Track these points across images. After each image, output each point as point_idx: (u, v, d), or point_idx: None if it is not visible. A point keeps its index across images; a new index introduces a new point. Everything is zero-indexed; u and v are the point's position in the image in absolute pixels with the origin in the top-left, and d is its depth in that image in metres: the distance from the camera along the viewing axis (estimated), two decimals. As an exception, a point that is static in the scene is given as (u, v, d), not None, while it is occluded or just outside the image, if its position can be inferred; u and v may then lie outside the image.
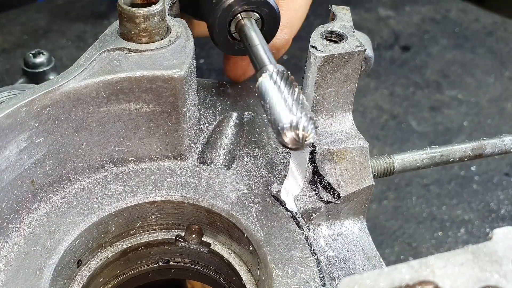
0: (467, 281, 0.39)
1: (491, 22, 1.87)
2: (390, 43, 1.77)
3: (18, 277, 0.59)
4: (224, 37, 0.72)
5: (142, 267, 0.74)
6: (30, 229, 0.64)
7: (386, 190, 1.33)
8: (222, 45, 0.74)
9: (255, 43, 0.67)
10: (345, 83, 0.69)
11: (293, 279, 0.60)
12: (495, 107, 1.56)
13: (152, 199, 0.68)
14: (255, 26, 0.70)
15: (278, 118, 0.56)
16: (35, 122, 0.62)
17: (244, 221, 0.65)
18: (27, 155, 0.62)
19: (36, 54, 1.06)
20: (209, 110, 0.79)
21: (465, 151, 0.76)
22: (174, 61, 0.67)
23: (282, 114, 0.56)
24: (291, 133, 0.54)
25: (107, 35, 0.70)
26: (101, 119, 0.67)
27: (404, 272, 0.40)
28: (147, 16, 0.66)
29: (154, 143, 0.71)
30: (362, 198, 0.70)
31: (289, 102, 0.56)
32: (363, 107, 1.54)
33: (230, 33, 0.72)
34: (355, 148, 0.70)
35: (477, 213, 1.29)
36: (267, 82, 0.59)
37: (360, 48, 0.67)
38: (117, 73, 0.65)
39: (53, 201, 0.66)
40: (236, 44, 0.73)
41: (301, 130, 0.55)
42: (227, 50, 0.75)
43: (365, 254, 0.68)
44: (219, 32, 0.72)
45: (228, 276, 0.72)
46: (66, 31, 1.69)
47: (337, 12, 0.72)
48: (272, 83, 0.59)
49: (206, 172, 0.71)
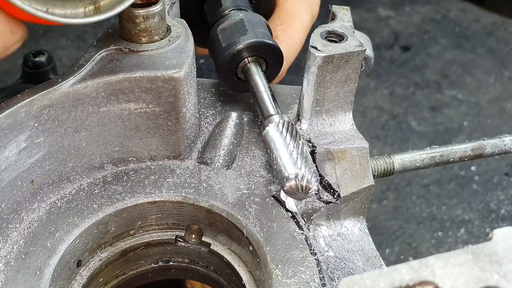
0: (467, 281, 0.39)
1: (491, 22, 1.87)
2: (390, 43, 1.77)
3: (18, 277, 0.59)
4: (230, 78, 0.75)
5: (142, 267, 0.74)
6: (30, 229, 0.64)
7: (386, 190, 1.33)
8: (227, 84, 0.77)
9: (261, 89, 0.71)
10: (345, 83, 0.69)
11: (293, 279, 0.60)
12: (495, 107, 1.56)
13: (152, 199, 0.68)
14: (260, 71, 0.73)
15: (284, 169, 0.61)
16: (34, 122, 0.62)
17: (244, 221, 0.65)
18: (26, 155, 0.62)
19: (36, 54, 1.06)
20: (209, 110, 0.79)
21: (465, 151, 0.76)
22: (174, 61, 0.67)
23: (287, 166, 0.61)
24: (295, 184, 0.60)
25: (107, 35, 0.70)
26: (101, 119, 0.67)
27: (404, 272, 0.40)
28: (147, 16, 0.66)
29: (154, 143, 0.70)
30: (362, 198, 0.69)
31: (294, 155, 0.61)
32: (363, 107, 1.54)
33: (237, 75, 0.75)
34: (355, 148, 0.70)
35: (477, 213, 1.29)
36: (273, 132, 0.64)
37: (360, 48, 0.67)
38: (117, 73, 0.65)
39: (53, 201, 0.66)
40: (240, 83, 0.76)
41: (305, 182, 0.60)
42: (233, 89, 0.78)
43: (365, 254, 0.68)
44: (227, 74, 0.75)
45: (228, 276, 0.72)
46: (66, 31, 1.69)
47: (337, 12, 0.72)
48: (278, 134, 0.63)
49: (206, 172, 0.71)
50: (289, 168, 0.60)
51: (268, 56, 0.74)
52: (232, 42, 0.73)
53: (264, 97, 0.70)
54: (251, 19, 0.76)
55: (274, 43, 0.75)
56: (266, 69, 0.75)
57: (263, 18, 0.79)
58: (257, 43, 0.73)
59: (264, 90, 0.70)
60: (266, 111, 0.68)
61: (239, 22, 0.75)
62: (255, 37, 0.73)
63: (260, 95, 0.70)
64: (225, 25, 0.76)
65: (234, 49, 0.73)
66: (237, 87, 0.77)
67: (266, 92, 0.70)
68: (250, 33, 0.73)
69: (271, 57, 0.75)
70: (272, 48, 0.74)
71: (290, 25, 0.87)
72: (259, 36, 0.73)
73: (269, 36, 0.76)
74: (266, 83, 0.72)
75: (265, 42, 0.73)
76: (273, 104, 0.68)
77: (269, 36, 0.76)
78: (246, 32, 0.73)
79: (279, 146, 0.63)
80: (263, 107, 0.69)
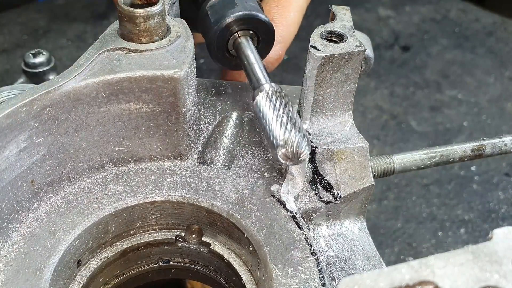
0: (467, 281, 0.39)
1: (491, 22, 1.87)
2: (390, 43, 1.77)
3: (18, 277, 0.59)
4: (221, 54, 0.75)
5: (142, 267, 0.74)
6: (30, 229, 0.64)
7: (386, 190, 1.33)
8: (220, 61, 0.76)
9: (251, 61, 0.70)
10: (345, 83, 0.69)
11: (293, 279, 0.60)
12: (495, 107, 1.56)
13: (152, 199, 0.68)
14: (251, 44, 0.73)
15: (274, 135, 0.60)
16: (35, 122, 0.62)
17: (244, 221, 0.65)
18: (27, 155, 0.62)
19: (36, 54, 1.06)
20: (209, 110, 0.79)
21: (465, 151, 0.76)
22: (174, 61, 0.67)
23: (277, 132, 0.60)
24: (286, 149, 0.59)
25: (107, 35, 0.70)
26: (101, 119, 0.67)
27: (404, 272, 0.40)
28: (147, 16, 0.66)
29: (154, 143, 0.70)
30: (362, 198, 0.69)
31: (284, 121, 0.60)
32: (363, 107, 1.54)
33: (228, 50, 0.75)
34: (355, 148, 0.70)
35: (477, 213, 1.29)
36: (264, 100, 0.63)
37: (360, 48, 0.67)
38: (117, 73, 0.65)
39: (53, 201, 0.66)
40: (233, 60, 0.76)
41: (295, 146, 0.59)
42: (225, 65, 0.78)
43: (365, 254, 0.68)
44: (217, 49, 0.74)
45: (228, 276, 0.72)
46: (66, 31, 1.69)
47: (337, 12, 0.72)
48: (269, 102, 0.63)
49: (206, 172, 0.71)
50: (279, 135, 0.60)
51: (259, 30, 0.74)
52: (220, 16, 0.72)
53: (254, 68, 0.69)
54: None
55: (265, 17, 0.74)
56: (257, 44, 0.74)
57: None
58: (247, 15, 0.72)
59: (255, 61, 0.70)
60: (257, 82, 0.67)
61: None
62: (244, 9, 0.72)
63: (251, 66, 0.70)
64: (213, 1, 0.75)
65: (223, 23, 0.72)
66: (229, 63, 0.76)
67: (257, 63, 0.70)
68: (239, 6, 0.72)
69: (262, 31, 0.74)
70: (262, 21, 0.73)
71: (285, 6, 0.87)
72: (248, 8, 0.73)
73: (259, 9, 0.75)
74: (257, 55, 0.71)
75: (255, 14, 0.73)
76: (264, 74, 0.68)
77: (259, 9, 0.75)
78: (234, 5, 0.72)
79: (268, 114, 0.62)
80: (253, 78, 0.68)
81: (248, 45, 0.72)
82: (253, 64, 0.70)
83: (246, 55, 0.71)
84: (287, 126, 0.60)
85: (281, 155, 0.60)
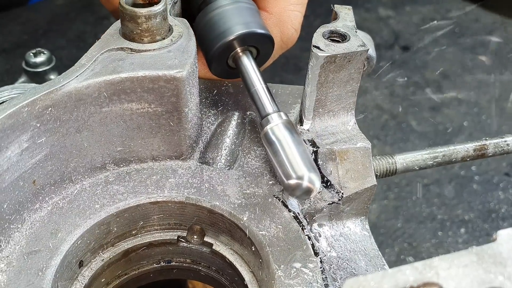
0: (471, 282, 0.39)
1: (491, 22, 1.87)
2: (390, 43, 1.77)
3: (20, 278, 0.59)
4: (221, 68, 0.75)
5: (144, 268, 0.74)
6: (31, 230, 0.63)
7: (386, 189, 1.33)
8: (219, 75, 0.76)
9: (255, 84, 0.70)
10: (347, 83, 0.69)
11: (296, 279, 0.60)
12: (495, 107, 1.56)
13: (154, 199, 0.68)
14: (252, 60, 0.72)
15: (289, 170, 0.62)
16: (36, 122, 0.61)
17: (246, 222, 0.65)
18: (28, 156, 0.62)
19: (37, 54, 1.06)
20: (211, 110, 0.79)
21: (467, 151, 0.76)
22: (176, 61, 0.66)
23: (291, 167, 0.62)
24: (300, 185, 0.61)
25: (109, 35, 0.69)
26: (103, 119, 0.67)
27: (408, 273, 0.39)
28: (149, 16, 0.66)
29: (156, 143, 0.70)
30: (364, 198, 0.69)
31: (297, 156, 0.62)
32: (363, 107, 1.54)
33: (227, 64, 0.74)
34: (358, 148, 0.70)
35: (477, 213, 1.29)
36: (274, 132, 0.64)
37: (362, 48, 0.67)
38: (119, 73, 0.65)
39: (55, 201, 0.66)
40: (231, 70, 0.75)
41: (308, 183, 0.61)
42: (223, 77, 0.77)
43: (367, 255, 0.67)
44: (217, 65, 0.74)
45: (230, 276, 0.72)
46: (66, 31, 1.69)
47: (339, 11, 0.72)
48: (280, 134, 0.64)
49: (208, 172, 0.70)
50: (295, 169, 0.61)
51: (260, 45, 0.73)
52: (222, 32, 0.71)
53: (260, 93, 0.69)
54: (240, 6, 0.73)
55: (265, 31, 0.73)
56: (257, 55, 0.74)
57: (253, 4, 0.76)
58: (249, 34, 0.71)
59: (258, 84, 0.70)
60: (264, 109, 0.67)
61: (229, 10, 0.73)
62: (246, 27, 0.71)
63: (255, 89, 0.69)
64: (213, 14, 0.73)
65: (225, 41, 0.71)
66: (228, 74, 0.76)
67: (261, 86, 0.69)
68: (241, 23, 0.71)
69: (262, 45, 0.73)
70: (263, 36, 0.73)
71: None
72: (248, 25, 0.71)
73: (259, 24, 0.74)
74: (260, 75, 0.71)
75: (257, 32, 0.72)
76: (269, 100, 0.68)
77: (259, 24, 0.74)
78: (236, 22, 0.71)
79: (281, 146, 0.63)
80: (259, 105, 0.68)
81: (249, 63, 0.72)
82: (257, 88, 0.69)
83: (249, 76, 0.71)
84: (300, 161, 0.62)
85: (293, 189, 0.61)
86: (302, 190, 0.61)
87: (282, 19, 0.81)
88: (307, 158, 0.62)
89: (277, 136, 0.64)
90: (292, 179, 0.61)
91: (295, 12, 0.82)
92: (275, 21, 0.81)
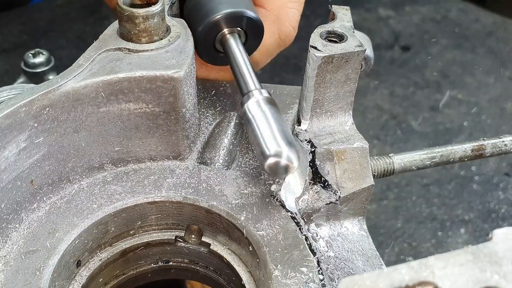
0: (467, 281, 0.39)
1: (491, 22, 1.87)
2: (390, 43, 1.77)
3: (17, 277, 0.59)
4: (208, 51, 0.74)
5: (142, 268, 0.74)
6: (29, 230, 0.63)
7: (386, 190, 1.33)
8: (206, 57, 0.75)
9: (239, 64, 0.69)
10: (345, 83, 0.69)
11: (293, 279, 0.60)
12: (495, 107, 1.56)
13: (152, 199, 0.68)
14: (239, 42, 0.71)
15: (265, 147, 0.59)
16: (34, 122, 0.61)
17: (244, 222, 0.65)
18: (26, 156, 0.62)
19: (36, 54, 1.06)
20: (209, 110, 0.79)
21: (465, 151, 0.76)
22: (174, 61, 0.67)
23: (268, 143, 0.59)
24: (276, 162, 0.58)
25: (107, 35, 0.69)
26: (100, 119, 0.67)
27: (404, 272, 0.40)
28: (147, 16, 0.66)
29: (154, 143, 0.70)
30: (362, 198, 0.69)
31: (276, 132, 0.59)
32: (363, 107, 1.54)
33: (215, 46, 0.73)
34: (355, 148, 0.70)
35: (477, 213, 1.29)
36: (253, 108, 0.62)
37: (360, 48, 0.67)
38: (117, 73, 0.65)
39: (53, 201, 0.66)
40: (220, 56, 0.74)
41: (286, 160, 0.58)
42: (210, 61, 0.76)
43: (365, 255, 0.67)
44: (203, 46, 0.73)
45: (227, 276, 0.72)
46: (66, 31, 1.69)
47: (337, 12, 0.72)
48: (260, 110, 0.62)
49: (205, 172, 0.71)
50: (270, 146, 0.58)
51: (247, 27, 0.71)
52: (207, 11, 0.70)
53: (243, 72, 0.67)
54: None
55: (253, 13, 0.71)
56: (245, 40, 0.73)
57: None
58: (234, 13, 0.70)
59: (243, 64, 0.68)
60: (246, 87, 0.66)
61: None
62: (231, 6, 0.70)
63: (239, 69, 0.68)
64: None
65: (210, 20, 0.70)
66: (216, 59, 0.75)
67: (246, 66, 0.68)
68: (228, 2, 0.70)
69: (250, 28, 0.72)
70: (250, 18, 0.71)
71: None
72: (236, 4, 0.70)
73: (248, 5, 0.72)
74: (246, 57, 0.69)
75: (244, 13, 0.70)
76: (252, 78, 0.66)
77: (248, 5, 0.72)
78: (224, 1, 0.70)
79: (258, 123, 0.61)
80: (242, 82, 0.67)
81: (236, 44, 0.70)
82: (241, 66, 0.68)
83: (234, 57, 0.69)
84: (278, 137, 0.59)
85: (270, 166, 0.58)
86: (278, 168, 0.58)
87: (280, 16, 0.81)
88: (284, 133, 0.59)
89: (254, 113, 0.61)
90: (268, 158, 0.58)
91: (293, 9, 0.82)
92: (273, 18, 0.80)
